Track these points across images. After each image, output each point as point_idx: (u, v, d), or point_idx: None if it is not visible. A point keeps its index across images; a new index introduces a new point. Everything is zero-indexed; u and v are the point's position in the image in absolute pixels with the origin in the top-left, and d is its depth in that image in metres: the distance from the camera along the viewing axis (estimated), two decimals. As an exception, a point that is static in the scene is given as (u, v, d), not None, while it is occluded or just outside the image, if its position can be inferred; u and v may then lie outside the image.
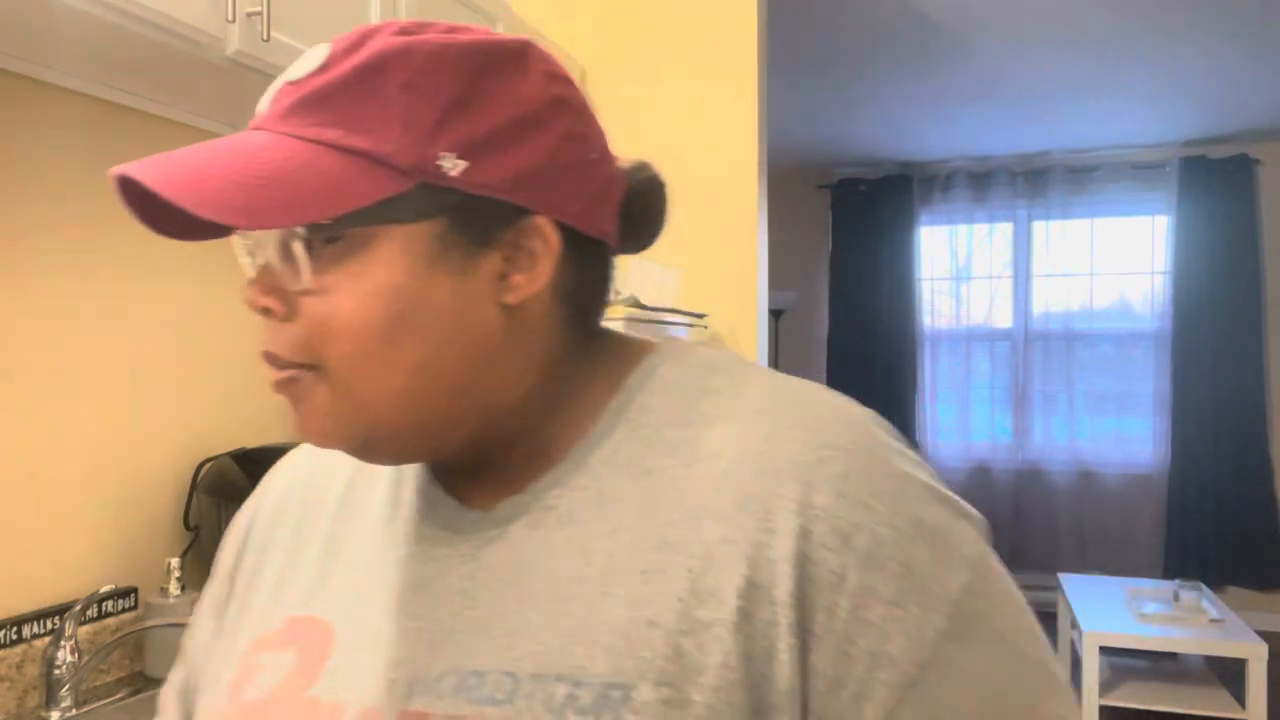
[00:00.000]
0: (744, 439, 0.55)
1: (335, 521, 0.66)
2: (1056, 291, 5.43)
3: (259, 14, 1.35)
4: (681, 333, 2.20)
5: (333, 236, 0.53)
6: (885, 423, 0.58)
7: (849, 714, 0.49)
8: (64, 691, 1.34)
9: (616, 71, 2.56)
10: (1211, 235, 5.11)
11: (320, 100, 0.54)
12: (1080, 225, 5.39)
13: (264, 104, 0.57)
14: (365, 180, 0.53)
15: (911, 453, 0.57)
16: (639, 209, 0.63)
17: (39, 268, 1.42)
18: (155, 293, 1.62)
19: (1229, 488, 5.09)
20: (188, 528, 1.65)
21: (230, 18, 1.32)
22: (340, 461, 0.70)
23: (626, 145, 2.54)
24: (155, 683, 1.48)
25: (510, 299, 0.56)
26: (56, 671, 1.33)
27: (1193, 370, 5.15)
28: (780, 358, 6.00)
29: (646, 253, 2.31)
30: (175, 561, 1.52)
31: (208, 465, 1.65)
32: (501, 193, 0.55)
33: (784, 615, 0.50)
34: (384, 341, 0.54)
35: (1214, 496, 5.11)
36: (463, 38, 0.56)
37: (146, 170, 0.51)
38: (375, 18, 1.64)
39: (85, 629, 1.45)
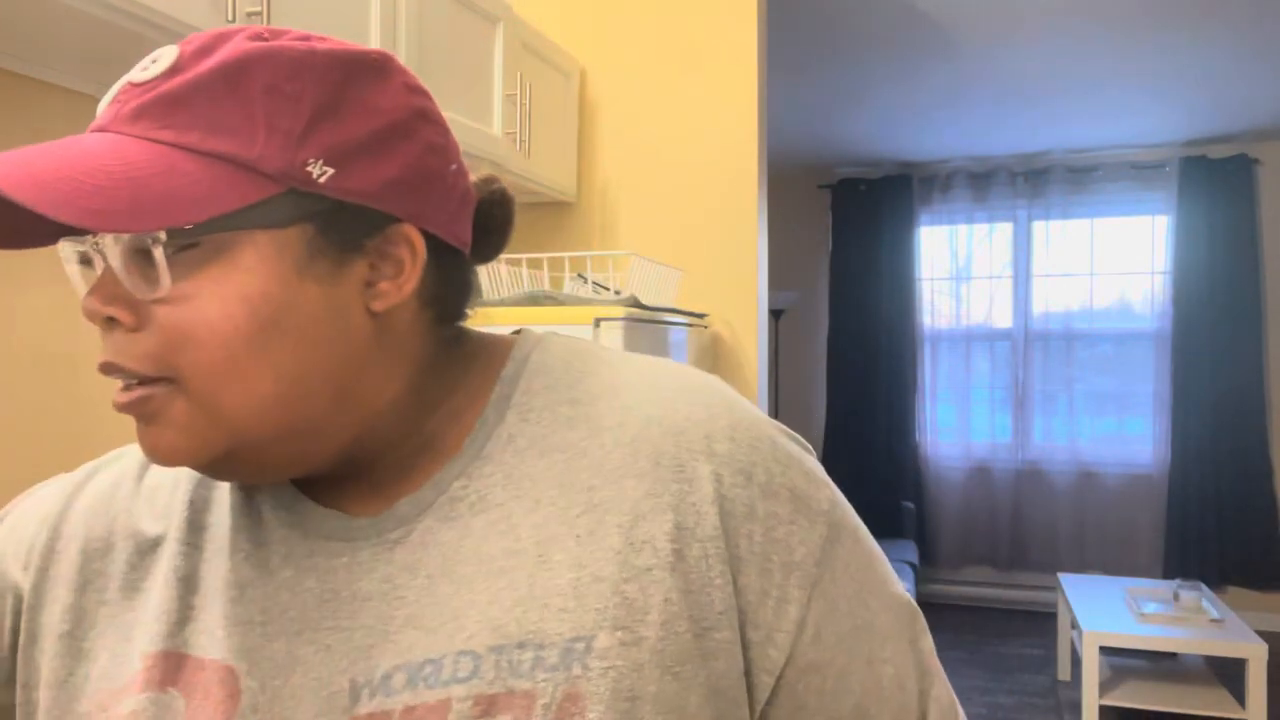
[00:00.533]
0: (640, 408, 0.60)
1: (183, 551, 0.61)
2: (1056, 291, 5.43)
3: (259, 14, 1.35)
4: (681, 333, 2.20)
5: (190, 243, 0.52)
6: None
7: (775, 619, 0.57)
8: (64, 691, 1.34)
9: (616, 71, 2.56)
10: (1211, 235, 5.11)
11: (174, 102, 0.52)
12: (1080, 225, 5.39)
13: (104, 106, 0.55)
14: (230, 185, 0.52)
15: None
16: (489, 220, 0.65)
17: (39, 268, 1.42)
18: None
19: (1229, 488, 5.09)
20: (188, 528, 1.65)
21: (230, 18, 1.32)
22: (166, 487, 0.65)
23: (626, 145, 2.54)
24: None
25: (378, 305, 0.57)
26: (56, 671, 1.33)
27: (1193, 370, 5.15)
28: (780, 358, 6.00)
29: (647, 252, 2.31)
30: (175, 561, 1.52)
31: (208, 465, 1.64)
32: (370, 200, 0.55)
33: (713, 549, 0.56)
34: (251, 348, 0.53)
35: (1214, 496, 5.11)
36: (324, 46, 0.56)
37: None
38: (375, 18, 1.64)
39: (85, 629, 1.44)
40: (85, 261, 0.58)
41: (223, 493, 0.64)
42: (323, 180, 0.53)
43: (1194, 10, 3.25)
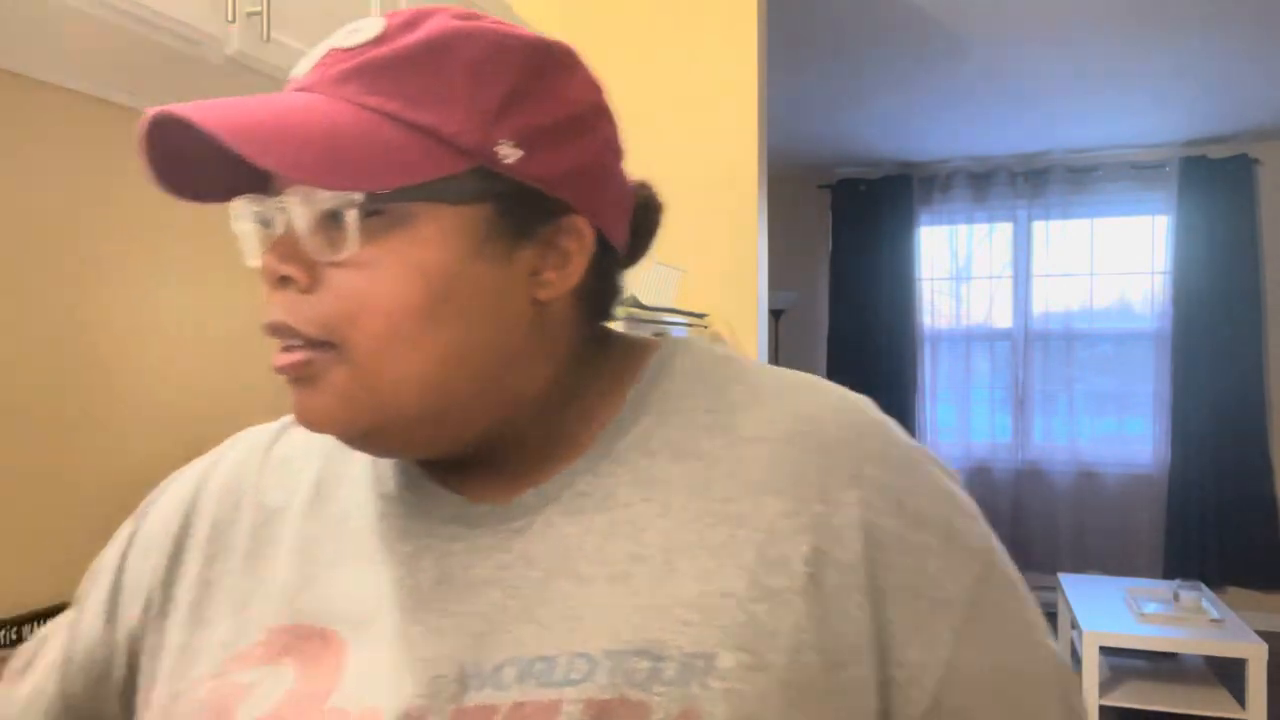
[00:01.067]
0: (782, 421, 0.58)
1: (306, 522, 0.63)
2: (1056, 291, 5.43)
3: (259, 14, 1.35)
4: (681, 333, 2.20)
5: (375, 209, 0.52)
6: None
7: (922, 658, 0.53)
8: (64, 691, 1.34)
9: (617, 71, 2.56)
10: (1211, 235, 5.11)
11: (381, 70, 0.53)
12: (1080, 225, 5.39)
13: (306, 67, 0.56)
14: (427, 156, 0.52)
15: None
16: (640, 225, 0.65)
17: (38, 268, 1.42)
18: (156, 293, 1.62)
19: (1229, 488, 5.09)
20: (188, 528, 1.65)
21: (230, 18, 1.32)
22: (298, 459, 0.67)
23: (626, 146, 2.54)
24: (155, 683, 1.48)
25: (542, 295, 0.57)
26: (56, 671, 1.33)
27: (1193, 370, 5.15)
28: (780, 358, 6.00)
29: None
30: (175, 561, 1.52)
31: (208, 465, 1.65)
32: (550, 187, 0.56)
33: (853, 577, 0.53)
34: (419, 323, 0.53)
35: (1214, 496, 5.11)
36: (520, 31, 0.57)
37: (205, 114, 0.50)
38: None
39: (85, 629, 1.44)
40: (263, 221, 0.57)
41: (349, 467, 0.65)
42: (510, 162, 0.54)
43: (1194, 10, 3.24)
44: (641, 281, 2.15)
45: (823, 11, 3.28)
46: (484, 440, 0.58)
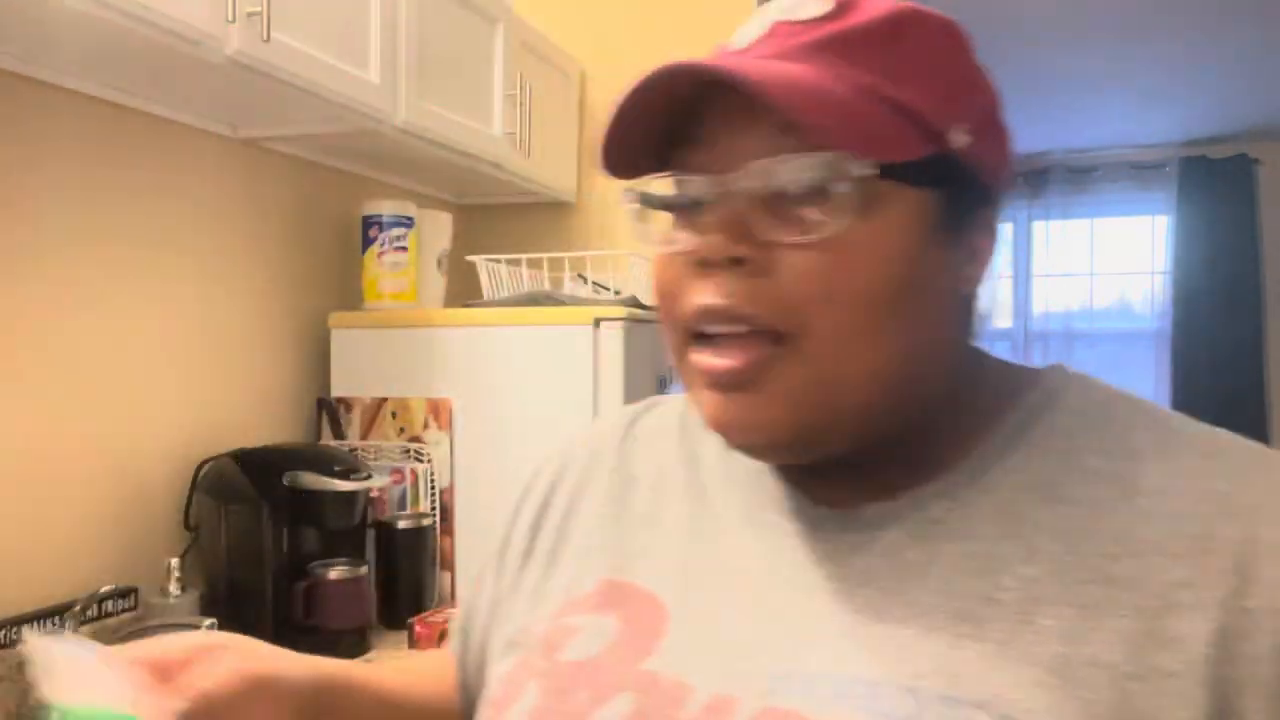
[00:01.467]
0: (1196, 477, 0.51)
1: (654, 493, 0.64)
2: (1056, 291, 5.42)
3: (259, 14, 1.35)
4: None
5: (852, 188, 0.49)
6: None
7: None
8: (64, 691, 1.34)
9: (617, 71, 2.56)
10: (1211, 235, 5.10)
11: (852, 45, 0.51)
12: (1080, 225, 5.39)
13: (749, 38, 0.54)
14: (905, 134, 0.50)
15: None
16: None
17: (38, 267, 1.42)
18: (155, 293, 1.62)
19: (1229, 488, 5.08)
20: (188, 528, 1.65)
21: (230, 18, 1.32)
22: (656, 437, 0.68)
23: (626, 145, 2.54)
24: (155, 683, 1.48)
25: (966, 289, 0.55)
26: (56, 671, 1.33)
27: (1193, 370, 5.15)
28: (780, 358, 6.00)
29: (647, 252, 2.31)
30: (175, 561, 1.52)
31: (208, 465, 1.65)
32: (988, 175, 0.54)
33: (1262, 670, 0.45)
34: (885, 312, 0.50)
35: (1214, 496, 5.11)
36: (943, 15, 0.55)
37: (729, 65, 0.48)
38: (375, 17, 1.64)
39: (85, 629, 1.44)
40: (689, 204, 0.54)
41: (701, 447, 0.65)
42: (963, 146, 0.52)
43: (1194, 10, 3.24)
44: (641, 281, 2.15)
45: (823, 11, 3.28)
46: (858, 444, 0.55)
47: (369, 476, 1.63)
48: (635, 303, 1.94)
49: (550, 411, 1.82)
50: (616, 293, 2.04)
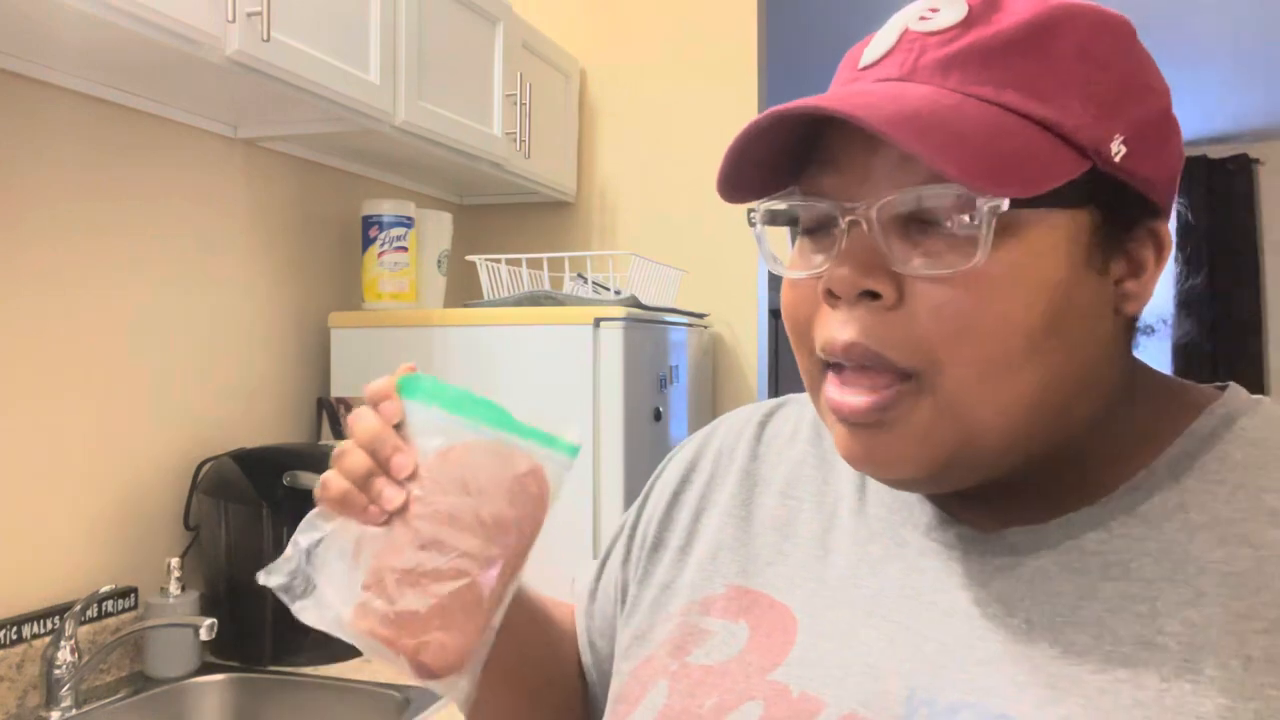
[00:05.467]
0: None
1: (784, 499, 0.63)
2: (1056, 291, 5.42)
3: (259, 14, 1.35)
4: (681, 333, 2.20)
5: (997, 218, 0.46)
6: None
7: None
8: (64, 691, 1.34)
9: (616, 71, 2.56)
10: (1211, 235, 5.11)
11: (987, 57, 0.48)
12: (1080, 225, 5.38)
13: (880, 52, 0.51)
14: (1054, 155, 0.47)
15: None
16: None
17: (39, 268, 1.42)
18: (155, 293, 1.62)
19: (1229, 488, 5.09)
20: (188, 528, 1.65)
21: (230, 18, 1.32)
22: (788, 441, 0.66)
23: (626, 145, 2.54)
24: (155, 682, 1.48)
25: (1129, 308, 0.51)
26: (56, 671, 1.33)
27: (1193, 370, 5.14)
28: (780, 358, 5.99)
29: (647, 252, 2.31)
30: (175, 561, 1.52)
31: (208, 465, 1.65)
32: (1150, 188, 0.50)
33: None
34: (1031, 345, 0.47)
35: (1214, 496, 5.11)
36: (1108, 10, 0.51)
37: (848, 105, 0.45)
38: (375, 18, 1.64)
39: (85, 629, 1.45)
40: (815, 228, 0.52)
41: (836, 458, 0.63)
42: (1119, 159, 0.48)
43: (1194, 10, 3.24)
44: (641, 281, 2.15)
45: (822, 13, 3.28)
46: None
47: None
48: (635, 302, 1.94)
49: (550, 411, 1.82)
50: (617, 293, 2.04)
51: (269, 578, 0.55)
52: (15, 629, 1.35)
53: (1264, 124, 4.80)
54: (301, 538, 0.56)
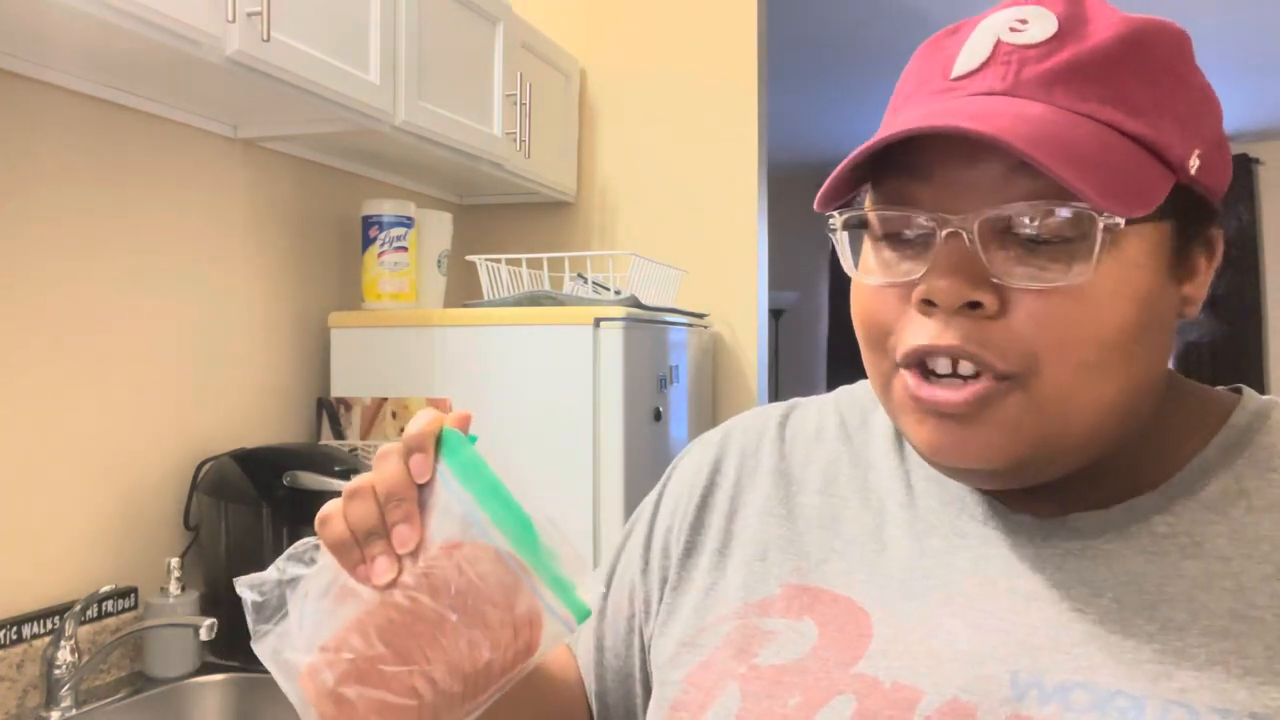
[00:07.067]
0: None
1: (825, 496, 0.63)
2: (1056, 291, 5.42)
3: (259, 14, 1.35)
4: (681, 333, 2.20)
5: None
6: None
7: None
8: (64, 691, 1.34)
9: (616, 72, 2.56)
10: (1211, 235, 5.11)
11: (1087, 73, 0.49)
12: (1080, 225, 5.38)
13: (974, 63, 0.52)
14: (1155, 173, 0.49)
15: None
16: None
17: (39, 268, 1.42)
18: (155, 293, 1.62)
19: (1229, 488, 5.09)
20: (188, 528, 1.65)
21: (230, 18, 1.32)
22: (814, 437, 0.67)
23: (626, 145, 2.54)
24: (155, 682, 1.48)
25: (1189, 312, 0.54)
26: (56, 671, 1.33)
27: (1192, 370, 5.11)
28: (780, 358, 6.00)
29: (647, 252, 2.31)
30: (175, 561, 1.52)
31: (208, 465, 1.65)
32: (1217, 196, 0.53)
33: None
34: (1122, 353, 0.49)
35: (1214, 496, 5.11)
36: (1159, 19, 0.53)
37: (982, 124, 0.46)
38: (375, 18, 1.64)
39: (85, 629, 1.45)
40: (893, 234, 0.53)
41: (870, 450, 0.64)
42: (1195, 173, 0.50)
43: (1193, 10, 3.24)
44: (641, 281, 2.15)
45: (823, 12, 3.28)
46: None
47: (369, 476, 1.63)
48: (635, 302, 1.94)
49: (550, 411, 1.82)
50: (617, 293, 2.04)
51: (246, 591, 0.54)
52: (15, 629, 1.35)
53: (1264, 124, 4.80)
54: (289, 566, 0.54)
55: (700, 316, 2.37)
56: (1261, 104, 4.45)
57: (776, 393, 6.00)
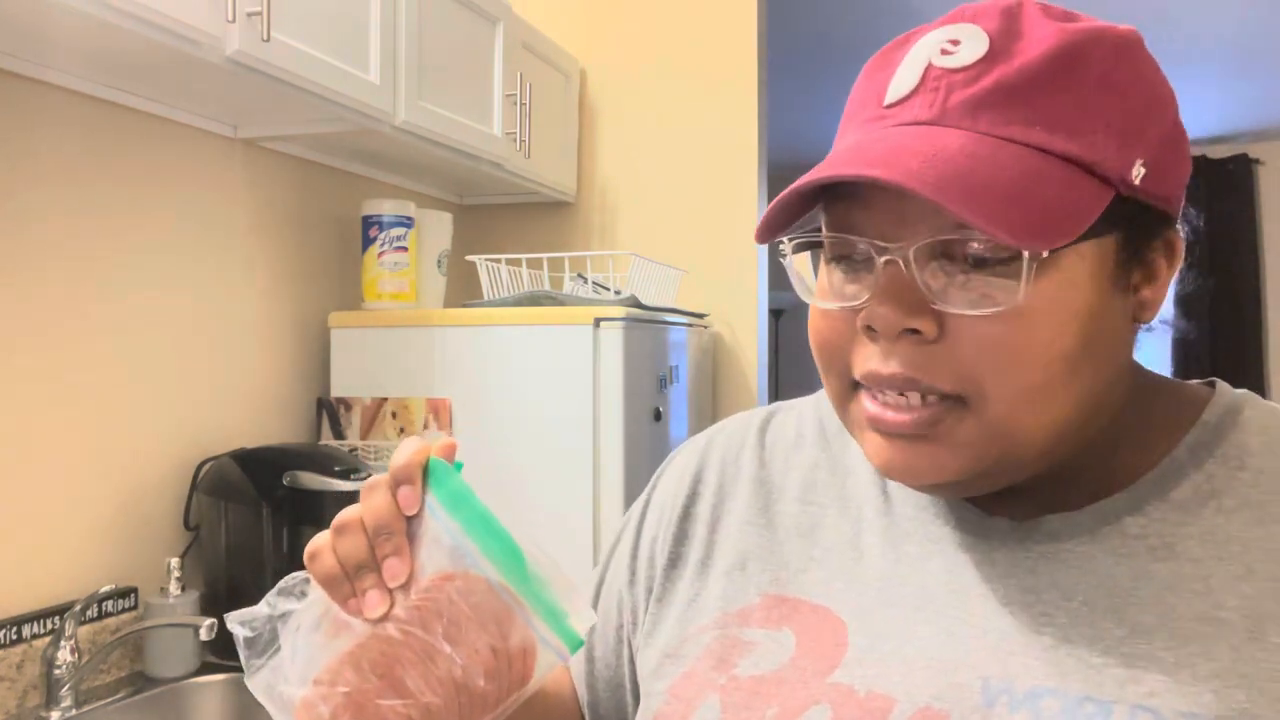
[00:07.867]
0: None
1: (802, 505, 0.63)
2: (1056, 291, 5.42)
3: (259, 14, 1.35)
4: (681, 333, 2.20)
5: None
6: None
7: None
8: (64, 691, 1.34)
9: (616, 72, 2.56)
10: (1211, 235, 5.11)
11: (1012, 95, 0.49)
12: (1080, 225, 5.38)
13: (905, 89, 0.51)
14: (1083, 192, 0.48)
15: None
16: None
17: (39, 268, 1.42)
18: (155, 293, 1.62)
19: (1229, 488, 5.09)
20: (188, 528, 1.65)
21: (230, 18, 1.32)
22: (793, 444, 0.67)
23: (626, 145, 2.54)
24: (155, 682, 1.48)
25: (1145, 316, 0.54)
26: (56, 671, 1.33)
27: (1193, 370, 5.14)
28: (780, 358, 6.00)
29: (647, 252, 2.31)
30: (175, 561, 1.52)
31: (208, 465, 1.65)
32: (1167, 203, 0.52)
33: None
34: (1067, 370, 0.49)
35: (1214, 496, 5.11)
36: (1105, 24, 0.51)
37: (889, 171, 0.46)
38: (375, 18, 1.64)
39: (85, 629, 1.45)
40: (842, 257, 0.52)
41: (847, 457, 0.64)
42: (1138, 182, 0.50)
43: (1193, 10, 3.24)
44: (641, 281, 2.15)
45: (823, 12, 3.28)
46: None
47: (369, 476, 1.63)
48: (635, 302, 1.94)
49: (550, 411, 1.82)
50: (617, 293, 2.04)
51: (237, 627, 0.53)
52: (15, 629, 1.35)
53: (1264, 124, 4.80)
54: (280, 601, 0.54)
55: (700, 316, 2.37)
56: (1261, 104, 4.45)
57: (776, 393, 6.00)
